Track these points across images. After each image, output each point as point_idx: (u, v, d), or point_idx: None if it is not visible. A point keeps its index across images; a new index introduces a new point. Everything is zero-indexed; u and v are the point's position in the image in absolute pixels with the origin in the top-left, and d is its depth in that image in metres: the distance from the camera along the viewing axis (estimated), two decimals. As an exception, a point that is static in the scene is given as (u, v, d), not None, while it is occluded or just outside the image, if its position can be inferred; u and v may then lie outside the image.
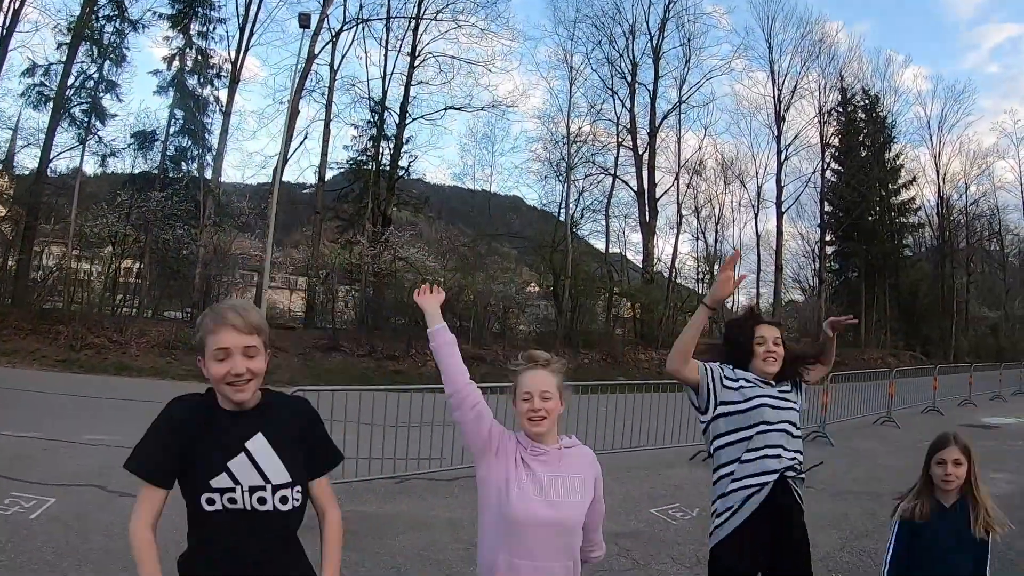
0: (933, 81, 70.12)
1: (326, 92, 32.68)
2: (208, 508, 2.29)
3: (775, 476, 3.63)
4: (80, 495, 7.49)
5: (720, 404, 3.76)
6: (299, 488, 2.43)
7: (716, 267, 39.88)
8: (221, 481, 2.29)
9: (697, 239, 40.82)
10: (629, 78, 37.62)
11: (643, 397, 11.34)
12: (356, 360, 25.84)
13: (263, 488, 2.34)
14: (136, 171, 32.04)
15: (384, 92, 33.36)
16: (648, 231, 37.26)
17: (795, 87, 40.45)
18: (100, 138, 30.10)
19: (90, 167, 31.52)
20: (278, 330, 27.37)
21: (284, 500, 2.38)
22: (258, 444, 2.38)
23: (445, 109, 34.69)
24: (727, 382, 3.77)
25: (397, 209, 34.09)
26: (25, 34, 28.18)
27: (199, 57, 32.30)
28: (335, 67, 32.62)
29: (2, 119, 28.75)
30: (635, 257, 39.74)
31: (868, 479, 9.86)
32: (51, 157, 28.91)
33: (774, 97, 40.32)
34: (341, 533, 2.64)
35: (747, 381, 3.76)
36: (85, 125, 29.30)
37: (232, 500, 2.29)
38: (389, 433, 9.01)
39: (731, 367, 3.82)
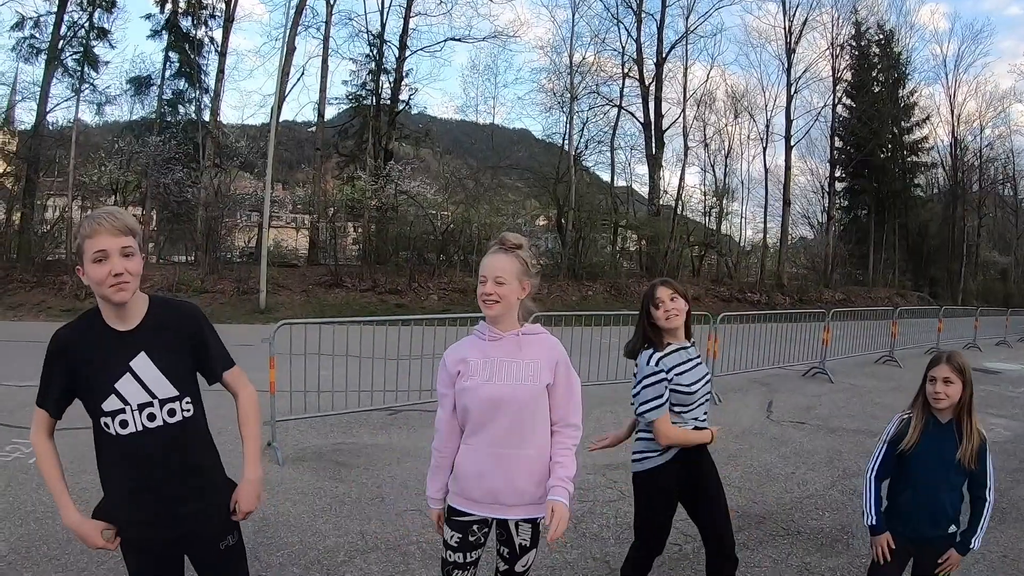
0: (950, 20, 68.35)
1: (323, 27, 32.30)
2: (106, 432, 2.46)
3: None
4: (77, 438, 7.32)
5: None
6: (188, 399, 2.56)
7: (725, 201, 39.84)
8: (111, 403, 2.43)
9: (705, 172, 40.48)
10: (635, 6, 36.62)
11: None
12: (359, 295, 25.81)
13: (151, 404, 2.46)
14: (134, 118, 32.06)
15: (383, 25, 32.92)
16: (654, 163, 36.66)
17: (806, 19, 39.29)
18: (95, 87, 30.05)
19: (88, 117, 31.58)
20: (281, 268, 27.62)
21: (172, 413, 2.51)
22: (141, 362, 2.48)
23: (445, 40, 34.28)
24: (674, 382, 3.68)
25: (399, 143, 33.88)
26: None
27: (192, -1, 31.78)
28: (331, 1, 32.09)
29: None
30: (641, 189, 39.42)
31: (864, 416, 9.84)
32: (48, 110, 28.94)
33: (785, 28, 39.12)
34: (256, 407, 2.82)
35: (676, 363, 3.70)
36: (79, 75, 29.25)
37: (124, 423, 2.43)
38: (390, 366, 9.05)
39: (655, 360, 3.68)
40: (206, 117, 31.31)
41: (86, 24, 29.18)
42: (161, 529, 2.55)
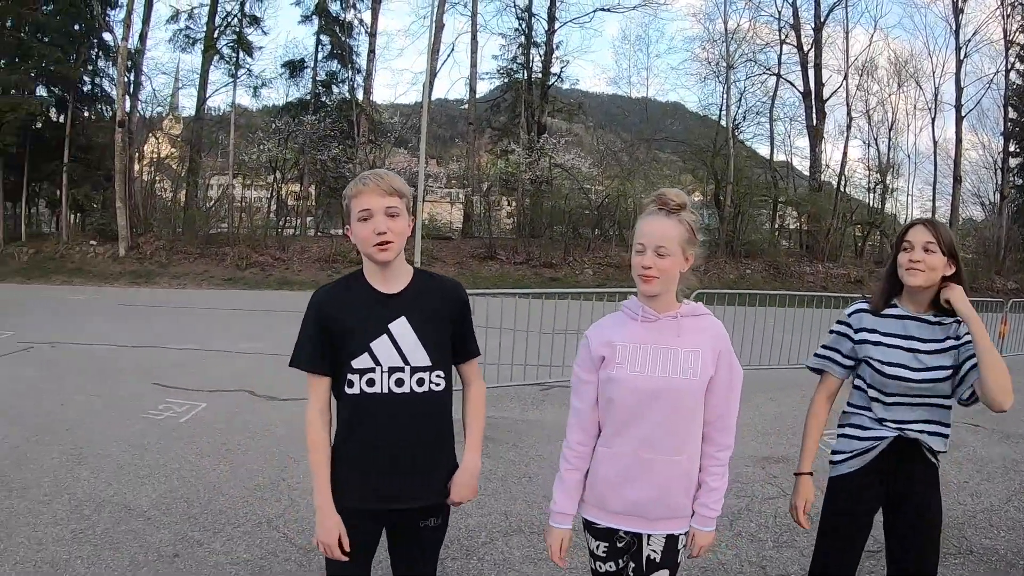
0: None
1: (470, 3, 32.27)
2: (348, 391, 2.42)
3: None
4: (229, 399, 8.06)
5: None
6: (439, 373, 2.49)
7: (889, 177, 37.11)
8: (363, 361, 2.41)
9: (869, 146, 37.69)
10: (789, -35, 34.41)
11: (807, 312, 10.44)
12: (513, 268, 25.95)
13: (401, 370, 2.42)
14: (290, 99, 33.18)
15: (531, -2, 32.48)
16: (816, 135, 34.55)
17: (976, -26, 35.76)
18: (250, 71, 31.56)
19: (245, 100, 33.48)
20: (436, 240, 28.11)
21: (420, 383, 2.45)
22: (401, 326, 2.45)
23: (595, 11, 33.61)
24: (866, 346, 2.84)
25: (552, 117, 33.46)
26: None
27: (339, -19, 32.51)
28: (477, -23, 31.94)
29: (160, 66, 30.57)
30: (801, 164, 37.31)
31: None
32: (207, 95, 30.86)
33: (952, -16, 35.73)
34: (484, 401, 2.74)
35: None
36: (234, 61, 30.76)
37: (371, 382, 2.40)
38: (543, 340, 8.72)
39: (850, 311, 2.91)
40: (359, 96, 31.98)
41: (238, 13, 30.52)
42: (379, 493, 2.47)
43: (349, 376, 2.42)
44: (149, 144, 31.72)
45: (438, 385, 2.48)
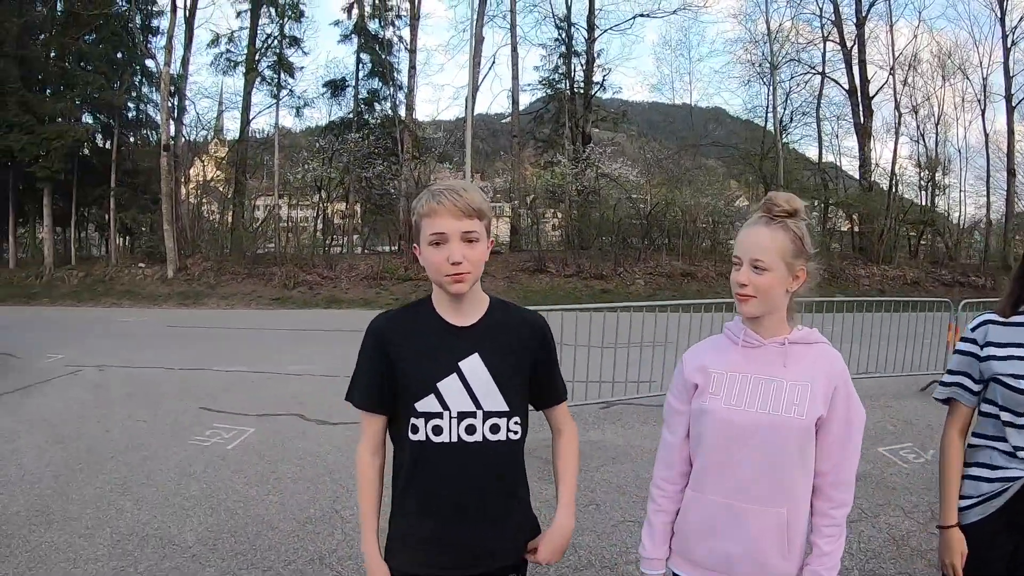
0: None
1: (508, 15, 32.13)
2: (412, 437, 2.11)
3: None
4: (278, 424, 7.75)
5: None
6: (516, 420, 2.17)
7: (938, 174, 35.95)
8: (427, 404, 2.10)
9: (917, 142, 36.60)
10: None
11: (864, 317, 9.89)
12: (563, 280, 25.55)
13: (473, 415, 2.11)
14: (332, 118, 33.43)
15: (568, 7, 32.49)
16: (864, 133, 33.67)
17: (1018, -44, 34.72)
18: (292, 92, 31.76)
19: (288, 121, 33.77)
20: None
21: (495, 429, 2.13)
22: (473, 365, 2.13)
23: (634, 17, 33.28)
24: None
25: (596, 127, 33.17)
26: (204, 10, 30.10)
27: (376, 1, 32.84)
28: (515, -12, 31.88)
29: (203, 91, 30.95)
30: (851, 164, 36.33)
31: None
32: (251, 117, 31.36)
33: (995, -32, 34.52)
34: (578, 448, 2.40)
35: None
36: (276, 82, 30.99)
37: (438, 429, 2.10)
38: (600, 355, 8.28)
39: (974, 325, 2.43)
40: (402, 113, 31.93)
41: (277, 34, 30.80)
42: (445, 555, 2.15)
43: (413, 420, 2.11)
44: (195, 167, 31.99)
45: (515, 433, 2.16)
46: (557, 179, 28.82)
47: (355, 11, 32.72)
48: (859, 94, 33.29)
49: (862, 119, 33.23)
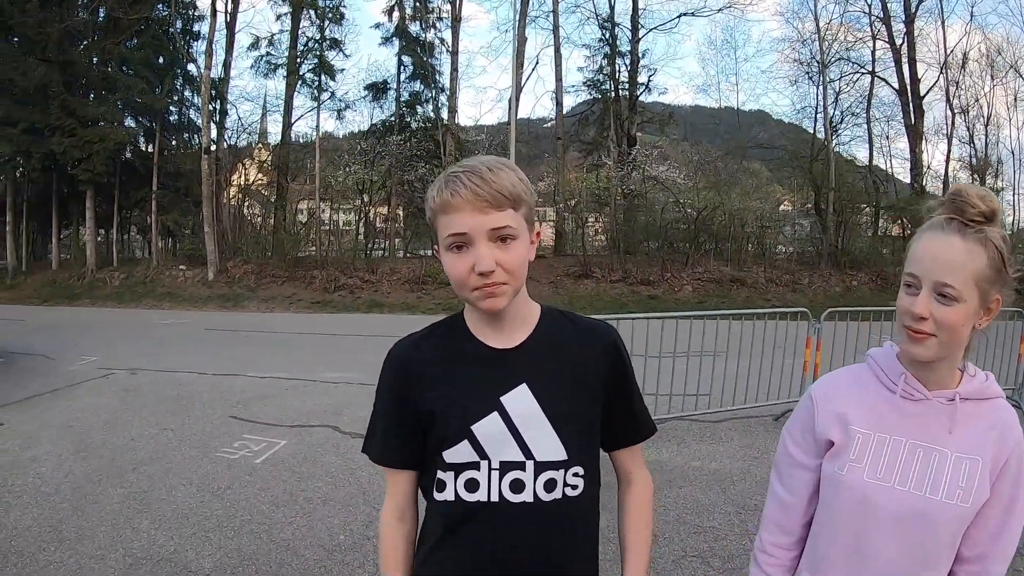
0: None
1: (551, 16, 31.68)
2: (438, 497, 1.61)
3: None
4: (311, 436, 7.32)
5: None
6: (578, 470, 1.60)
7: (988, 176, 34.76)
8: (459, 453, 1.57)
9: (967, 144, 35.33)
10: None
11: None
12: (608, 286, 25.00)
13: (521, 466, 1.56)
14: (374, 121, 33.38)
15: (611, 7, 32.01)
16: (915, 135, 32.70)
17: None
18: (333, 94, 31.83)
19: (330, 125, 34.27)
20: None
21: (551, 486, 1.57)
22: (520, 399, 1.57)
23: (679, 16, 32.57)
24: None
25: (641, 130, 32.55)
26: (244, 13, 30.41)
27: (417, 4, 32.69)
28: (557, -12, 31.54)
29: (244, 95, 31.26)
30: (900, 167, 35.27)
31: None
32: (292, 121, 31.31)
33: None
34: (651, 511, 1.81)
35: None
36: (317, 84, 31.06)
37: (472, 484, 1.57)
38: (645, 364, 7.54)
39: None
40: (444, 115, 31.67)
41: (317, 37, 30.95)
42: None
43: (440, 475, 1.60)
44: (237, 171, 32.08)
45: (575, 488, 1.61)
46: (602, 182, 28.27)
47: (396, 14, 32.65)
48: (909, 94, 32.37)
49: (913, 120, 32.28)
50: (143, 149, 30.87)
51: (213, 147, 28.45)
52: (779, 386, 7.71)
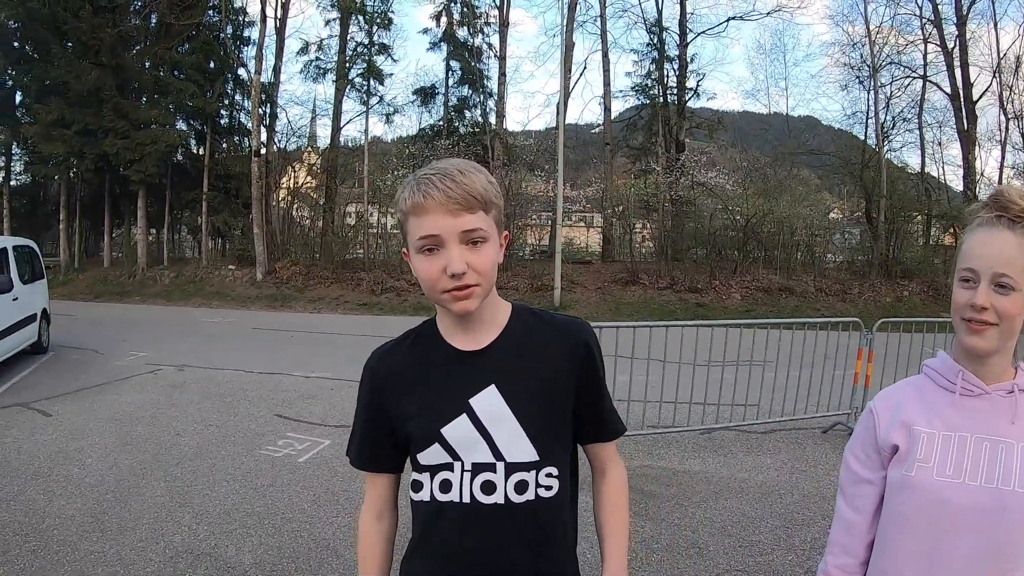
0: None
1: (598, 20, 31.53)
2: (415, 497, 1.65)
3: None
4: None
5: None
6: (551, 470, 1.61)
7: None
8: (432, 455, 1.60)
9: (1020, 150, 34.44)
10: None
11: None
12: (656, 293, 24.64)
13: (491, 468, 1.58)
14: (422, 126, 33.53)
15: (659, 11, 31.57)
16: (967, 141, 31.87)
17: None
18: (381, 98, 31.83)
19: (379, 130, 34.46)
20: (575, 265, 27.69)
21: (522, 488, 1.58)
22: (488, 401, 1.59)
23: (727, 20, 32.03)
24: None
25: (689, 135, 32.23)
26: (294, 19, 30.83)
27: (464, 9, 32.63)
28: (604, -7, 31.43)
29: (294, 99, 31.75)
30: (953, 174, 34.50)
31: None
32: (341, 125, 31.36)
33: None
34: (625, 500, 1.78)
35: None
36: (365, 89, 31.13)
37: (446, 485, 1.60)
38: (693, 372, 7.52)
39: None
40: (492, 120, 31.78)
41: (367, 42, 31.01)
42: None
43: (415, 476, 1.65)
44: (286, 173, 32.41)
45: (549, 488, 1.61)
46: (650, 188, 28.00)
47: (443, 19, 32.64)
48: (961, 98, 31.66)
49: (965, 125, 31.56)
50: (194, 151, 31.35)
51: (263, 150, 28.68)
52: (828, 398, 7.55)
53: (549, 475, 1.60)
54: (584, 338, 1.69)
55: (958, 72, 30.72)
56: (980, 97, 31.03)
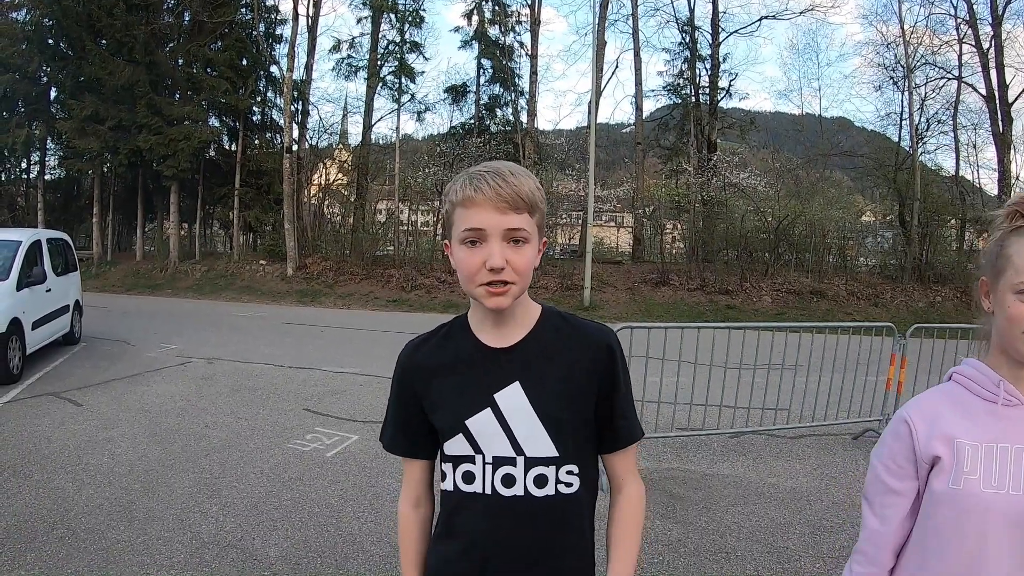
0: None
1: (630, 19, 31.36)
2: (441, 484, 1.72)
3: None
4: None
5: None
6: (571, 468, 1.66)
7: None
8: (456, 445, 1.66)
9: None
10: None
11: None
12: (686, 294, 24.53)
13: (512, 461, 1.63)
14: (453, 124, 33.61)
15: (691, 10, 31.41)
16: (1003, 144, 31.33)
17: None
18: (413, 96, 31.99)
19: (410, 127, 34.51)
20: (605, 265, 27.56)
21: (541, 482, 1.63)
22: (512, 397, 1.63)
23: (760, 19, 31.92)
24: None
25: (721, 135, 31.97)
26: (325, 17, 30.73)
27: (496, 8, 32.60)
28: (636, -8, 31.20)
29: (326, 96, 31.88)
30: (988, 177, 34.00)
31: None
32: (372, 122, 31.48)
33: None
34: (640, 516, 1.79)
35: None
36: (397, 87, 31.22)
37: (469, 476, 1.66)
38: (724, 375, 7.43)
39: None
40: (523, 119, 31.64)
41: (397, 40, 31.09)
42: None
43: (443, 466, 1.72)
44: (317, 170, 32.54)
45: (569, 485, 1.66)
46: (681, 188, 27.84)
47: (475, 17, 32.68)
48: (997, 100, 31.11)
49: (1001, 128, 31.03)
50: (226, 148, 31.66)
51: (295, 147, 28.90)
52: (860, 404, 7.41)
53: (570, 472, 1.64)
54: (608, 342, 1.71)
55: (993, 73, 30.08)
56: (1016, 99, 30.42)
